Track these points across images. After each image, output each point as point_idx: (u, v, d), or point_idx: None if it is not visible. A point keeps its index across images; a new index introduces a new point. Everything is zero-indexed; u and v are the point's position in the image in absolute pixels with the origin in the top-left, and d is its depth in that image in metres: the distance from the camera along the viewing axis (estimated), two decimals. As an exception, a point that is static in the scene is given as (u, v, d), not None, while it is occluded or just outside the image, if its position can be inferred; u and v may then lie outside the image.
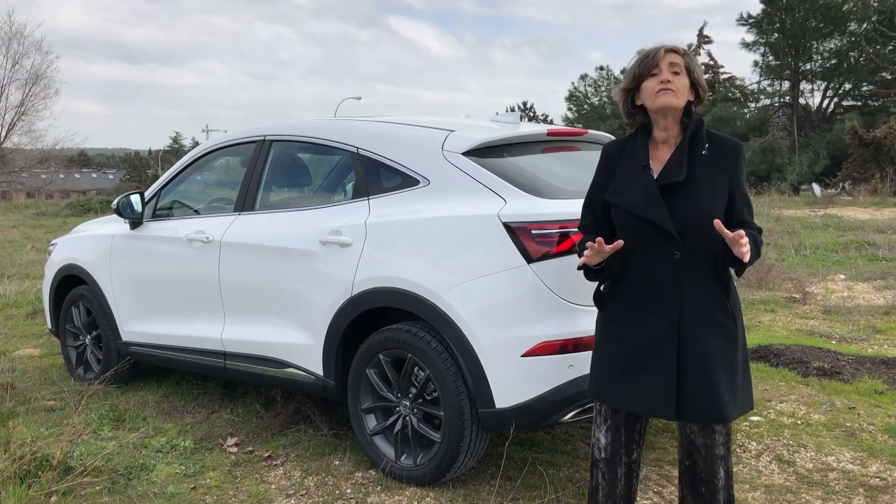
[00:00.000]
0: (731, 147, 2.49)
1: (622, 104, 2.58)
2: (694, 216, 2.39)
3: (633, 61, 2.52)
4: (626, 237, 2.46)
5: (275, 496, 3.42)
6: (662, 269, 2.43)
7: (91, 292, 5.03)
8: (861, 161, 24.12)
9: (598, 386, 2.58)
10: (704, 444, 2.54)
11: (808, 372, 5.02)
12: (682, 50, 2.49)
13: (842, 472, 3.55)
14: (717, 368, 2.41)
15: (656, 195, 2.41)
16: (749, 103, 35.72)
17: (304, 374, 3.80)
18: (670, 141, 2.50)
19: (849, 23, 32.13)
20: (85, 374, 5.18)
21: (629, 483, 2.65)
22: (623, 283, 2.51)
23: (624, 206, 2.46)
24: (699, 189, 2.41)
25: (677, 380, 2.41)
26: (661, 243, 2.42)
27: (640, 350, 2.46)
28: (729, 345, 2.46)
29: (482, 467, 3.60)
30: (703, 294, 2.43)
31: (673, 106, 2.43)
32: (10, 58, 36.91)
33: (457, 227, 3.30)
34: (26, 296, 8.45)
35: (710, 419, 2.45)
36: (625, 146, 2.57)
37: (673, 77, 2.43)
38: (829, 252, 10.81)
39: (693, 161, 2.44)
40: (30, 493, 3.22)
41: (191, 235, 4.33)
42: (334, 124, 4.09)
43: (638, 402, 2.48)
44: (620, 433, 2.60)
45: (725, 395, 2.42)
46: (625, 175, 2.50)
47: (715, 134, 2.52)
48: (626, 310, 2.50)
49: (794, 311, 7.18)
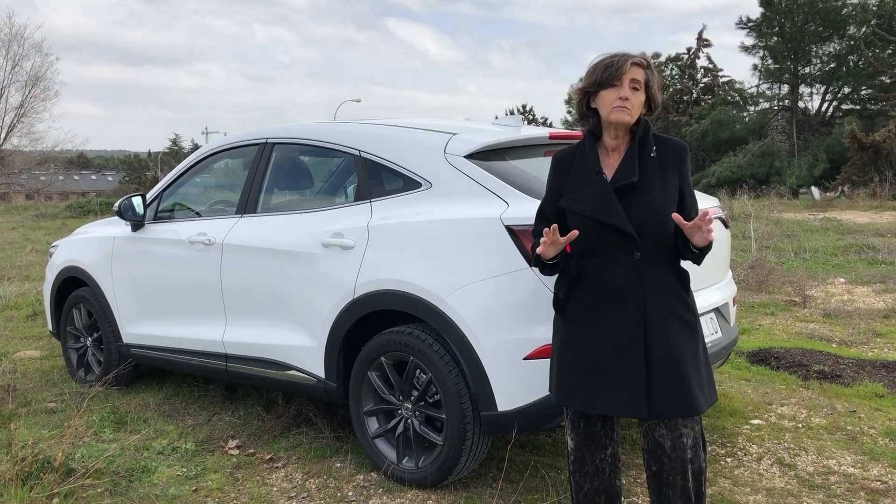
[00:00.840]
0: (677, 148, 2.58)
1: (577, 104, 2.64)
2: (650, 216, 2.47)
3: (598, 63, 2.55)
4: (585, 241, 2.51)
5: (276, 498, 3.42)
6: (623, 270, 2.49)
7: (92, 294, 5.03)
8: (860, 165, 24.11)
9: (566, 391, 2.60)
10: (672, 448, 2.57)
11: (808, 375, 5.03)
12: (647, 62, 2.54)
13: (843, 475, 3.56)
14: (684, 363, 2.48)
15: (612, 198, 2.47)
16: (748, 107, 35.70)
17: (305, 377, 3.80)
18: (620, 148, 2.58)
19: (848, 26, 32.14)
20: (86, 376, 5.18)
21: (605, 479, 2.68)
22: (584, 287, 2.55)
23: (581, 212, 2.51)
24: (652, 190, 2.48)
25: (646, 379, 2.45)
26: (621, 245, 2.48)
27: (606, 351, 2.50)
28: (692, 338, 2.53)
29: (484, 470, 3.61)
30: (664, 291, 2.50)
31: (625, 123, 2.52)
32: (9, 59, 36.94)
33: (459, 230, 3.30)
34: (26, 297, 8.45)
35: (684, 413, 2.49)
36: (575, 154, 2.63)
37: (632, 94, 2.50)
38: (828, 255, 10.81)
39: (643, 163, 2.51)
40: (31, 495, 3.23)
41: (192, 238, 4.33)
42: (336, 127, 4.09)
43: (609, 405, 2.52)
44: (591, 431, 2.65)
45: (695, 388, 2.48)
46: (578, 181, 2.56)
47: (661, 136, 2.60)
48: (589, 312, 2.54)
49: (794, 314, 7.19)
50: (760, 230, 12.53)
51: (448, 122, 4.05)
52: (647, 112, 2.58)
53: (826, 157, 29.72)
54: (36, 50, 40.54)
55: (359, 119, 4.51)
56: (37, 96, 37.63)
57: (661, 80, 2.63)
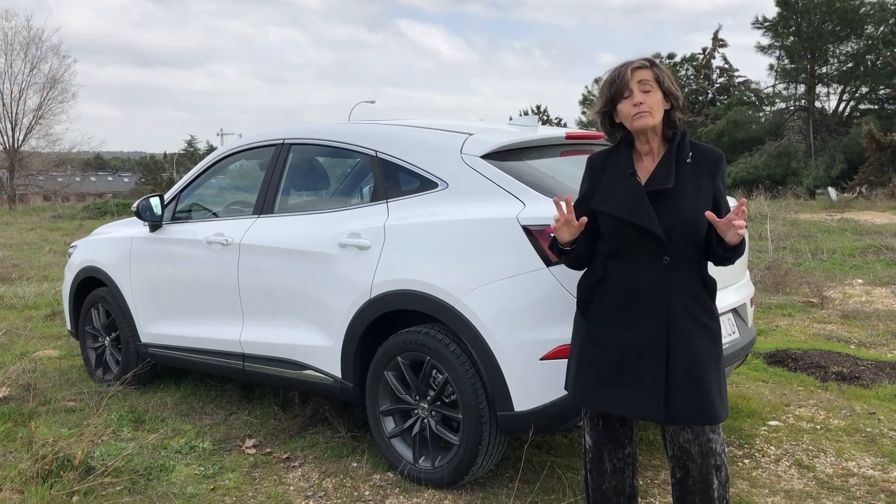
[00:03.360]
0: (713, 156, 2.55)
1: (601, 125, 2.63)
2: (681, 221, 2.44)
3: (604, 82, 2.55)
4: (614, 243, 2.51)
5: (293, 498, 3.43)
6: (650, 274, 2.47)
7: (110, 294, 5.07)
8: (878, 165, 23.90)
9: (584, 390, 2.59)
10: (700, 453, 2.54)
11: (826, 377, 4.99)
12: (650, 62, 2.52)
13: (862, 477, 3.53)
14: (706, 370, 2.46)
15: (645, 201, 2.45)
16: (764, 107, 35.54)
17: (322, 377, 3.82)
18: (654, 152, 2.56)
19: (865, 26, 31.91)
20: (104, 376, 5.22)
21: (622, 479, 2.67)
22: (609, 288, 2.54)
23: (612, 213, 2.49)
24: (685, 195, 2.46)
25: (666, 383, 2.44)
26: (649, 249, 2.46)
27: (627, 354, 2.49)
28: (714, 346, 2.51)
29: (500, 470, 3.60)
30: (689, 297, 2.48)
31: (651, 126, 2.49)
32: (28, 62, 37.26)
33: (475, 231, 3.30)
34: (45, 297, 8.53)
35: (701, 421, 2.47)
36: (609, 156, 2.62)
37: (645, 97, 2.48)
38: (846, 256, 10.73)
39: (678, 169, 2.49)
40: (52, 493, 3.26)
41: (210, 238, 4.36)
42: (352, 128, 4.11)
43: (626, 406, 2.51)
44: (609, 430, 2.64)
45: (715, 397, 2.46)
46: (611, 184, 2.55)
47: (697, 143, 2.58)
48: (612, 314, 2.53)
49: (812, 315, 7.14)
50: (777, 231, 12.46)
51: (464, 122, 4.05)
52: (672, 108, 2.54)
53: (843, 158, 29.52)
54: (54, 52, 40.86)
55: (374, 120, 4.52)
56: (54, 98, 38.00)
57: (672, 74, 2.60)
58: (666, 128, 2.54)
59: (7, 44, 36.99)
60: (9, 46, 37.00)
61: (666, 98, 2.52)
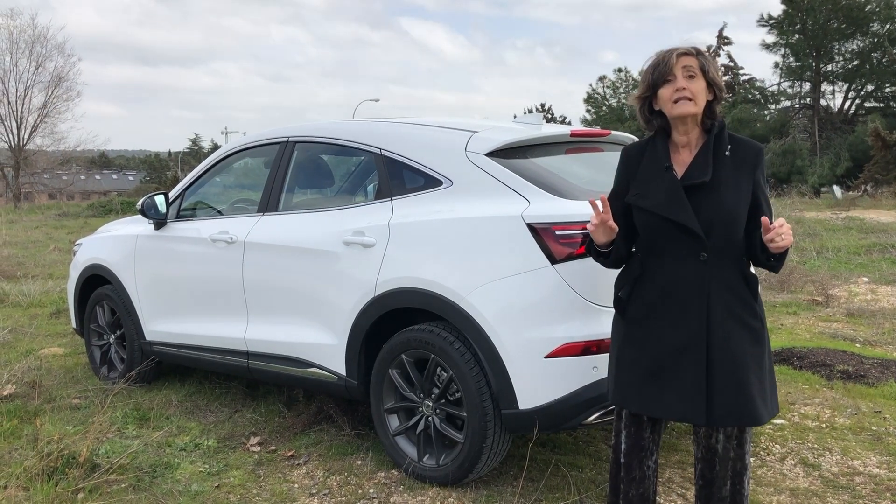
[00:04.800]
0: (753, 149, 2.47)
1: (639, 111, 2.55)
2: (719, 216, 2.36)
3: (647, 66, 2.48)
4: (650, 240, 2.44)
5: (298, 495, 3.44)
6: (688, 271, 2.40)
7: (115, 292, 5.08)
8: (883, 163, 23.81)
9: (623, 392, 2.53)
10: (731, 457, 2.49)
11: (832, 375, 4.98)
12: (696, 50, 2.45)
13: (868, 476, 3.52)
14: (747, 370, 2.38)
15: (681, 195, 2.38)
16: (769, 105, 35.43)
17: (326, 374, 3.82)
18: (691, 144, 2.48)
19: (871, 23, 31.78)
20: (109, 373, 5.23)
21: (647, 486, 2.63)
22: (646, 286, 2.48)
23: (647, 208, 2.43)
24: (723, 190, 2.38)
25: (706, 384, 2.38)
26: (687, 245, 2.39)
27: (666, 354, 2.42)
28: (757, 346, 2.43)
29: (505, 468, 3.60)
30: (729, 295, 2.40)
31: (691, 113, 2.42)
32: (33, 60, 37.40)
33: (480, 228, 3.30)
34: (50, 295, 8.55)
35: (744, 423, 2.41)
36: (645, 148, 2.54)
37: (688, 83, 2.40)
38: (851, 255, 10.70)
39: (717, 162, 2.42)
40: (57, 490, 3.27)
41: (215, 236, 4.36)
42: (357, 125, 4.11)
43: (667, 408, 2.44)
44: (641, 437, 2.58)
45: (757, 398, 2.39)
46: (647, 177, 2.48)
47: (736, 136, 2.49)
48: (651, 313, 2.46)
49: (817, 313, 7.12)
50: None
51: (468, 120, 4.05)
52: (714, 99, 2.47)
53: (848, 156, 29.42)
54: (59, 51, 40.84)
55: (378, 118, 4.52)
56: (59, 97, 38.14)
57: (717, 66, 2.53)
58: (706, 117, 2.47)
59: (12, 42, 37.20)
60: (14, 45, 37.18)
61: (709, 88, 2.44)
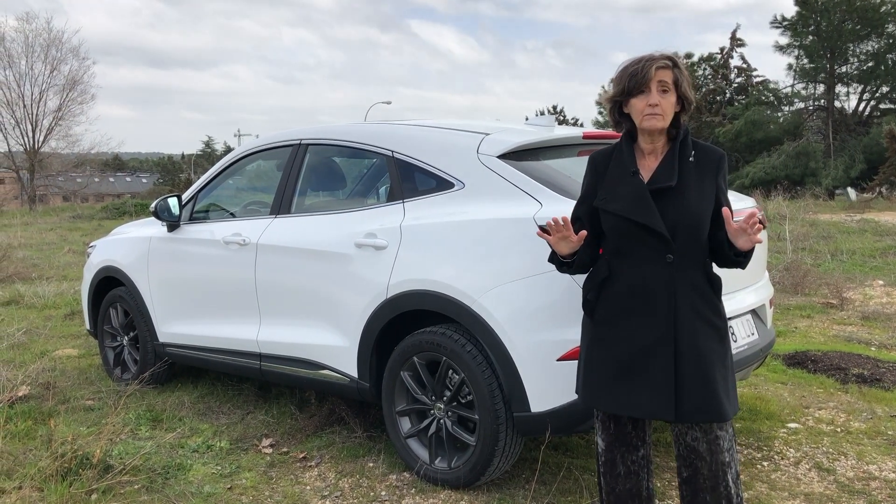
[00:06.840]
0: (716, 155, 2.55)
1: (610, 111, 2.62)
2: (685, 219, 2.44)
3: (625, 71, 2.52)
4: (617, 242, 2.50)
5: (310, 497, 3.44)
6: (655, 272, 2.46)
7: (129, 294, 5.10)
8: (898, 165, 23.63)
9: (592, 392, 2.59)
10: (709, 451, 2.53)
11: (846, 379, 4.94)
12: (673, 61, 2.50)
13: (884, 481, 3.49)
14: (713, 367, 2.46)
15: (647, 199, 2.45)
16: (783, 107, 35.18)
17: (338, 376, 3.82)
18: (657, 150, 2.55)
19: (886, 25, 31.52)
20: (122, 375, 5.25)
21: (637, 481, 2.65)
22: (614, 288, 2.53)
23: (615, 212, 2.49)
24: (689, 194, 2.46)
25: (675, 380, 2.43)
26: (653, 247, 2.46)
27: (635, 353, 2.48)
28: (721, 345, 2.51)
29: (517, 471, 3.59)
30: (695, 295, 2.48)
31: (659, 129, 2.50)
32: (48, 64, 37.59)
33: (492, 231, 3.30)
34: (64, 297, 8.61)
35: (711, 418, 2.46)
36: (612, 154, 2.61)
37: (661, 98, 2.46)
38: (866, 257, 10.62)
39: (682, 167, 2.49)
40: (71, 491, 3.29)
41: (227, 238, 4.38)
42: (369, 128, 4.11)
43: (636, 406, 2.50)
44: (621, 432, 2.63)
45: (722, 395, 2.46)
46: (614, 182, 2.54)
47: (699, 142, 2.58)
48: (618, 314, 2.52)
49: (832, 316, 7.06)
50: (796, 231, 12.34)
51: (480, 122, 4.05)
52: (681, 110, 2.54)
53: (863, 158, 29.20)
54: (73, 54, 40.99)
55: (390, 120, 4.53)
56: (74, 100, 38.29)
57: (690, 77, 2.59)
58: (671, 127, 2.53)
59: (28, 46, 37.32)
60: (30, 49, 37.34)
61: (678, 101, 2.51)
